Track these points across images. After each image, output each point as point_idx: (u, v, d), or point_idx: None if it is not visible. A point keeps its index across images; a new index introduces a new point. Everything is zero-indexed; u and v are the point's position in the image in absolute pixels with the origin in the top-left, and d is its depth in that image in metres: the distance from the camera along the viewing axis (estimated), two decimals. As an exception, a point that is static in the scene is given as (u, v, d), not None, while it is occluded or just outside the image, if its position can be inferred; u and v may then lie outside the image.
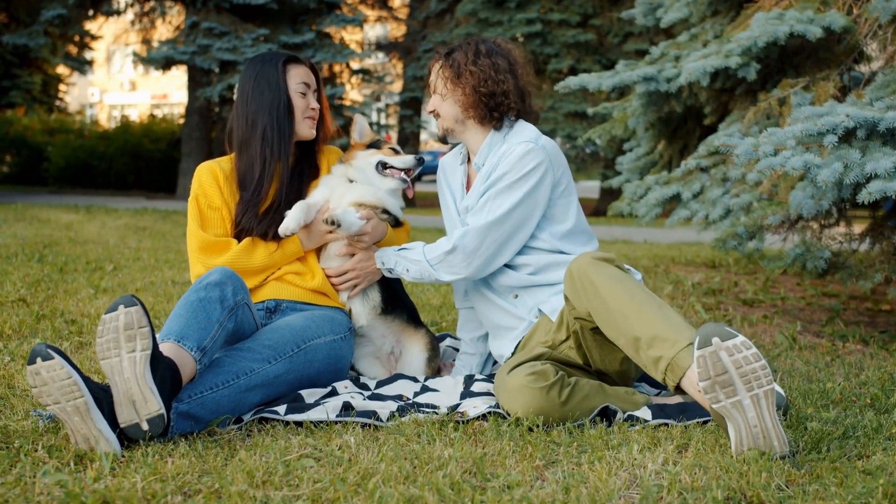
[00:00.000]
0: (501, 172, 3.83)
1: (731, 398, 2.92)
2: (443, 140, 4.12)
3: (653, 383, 4.03)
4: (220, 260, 3.88)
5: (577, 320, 3.52)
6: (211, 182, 4.05)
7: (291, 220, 3.88)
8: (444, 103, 4.01)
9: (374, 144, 4.19)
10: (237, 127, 4.09)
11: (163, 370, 3.01)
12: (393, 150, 4.17)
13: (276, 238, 3.96)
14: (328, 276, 4.07)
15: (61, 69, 29.52)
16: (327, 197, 4.07)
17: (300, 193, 4.09)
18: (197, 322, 3.27)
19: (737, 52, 5.62)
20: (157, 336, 3.25)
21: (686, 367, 3.09)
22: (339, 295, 4.10)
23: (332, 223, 3.86)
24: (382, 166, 4.11)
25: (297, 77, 4.10)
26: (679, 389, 3.16)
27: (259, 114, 4.03)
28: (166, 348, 3.15)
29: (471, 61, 3.92)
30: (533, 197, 3.81)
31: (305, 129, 4.13)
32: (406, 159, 4.12)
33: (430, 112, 4.10)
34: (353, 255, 4.07)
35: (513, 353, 3.91)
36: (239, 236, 3.99)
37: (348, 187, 4.10)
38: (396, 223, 4.24)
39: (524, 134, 3.91)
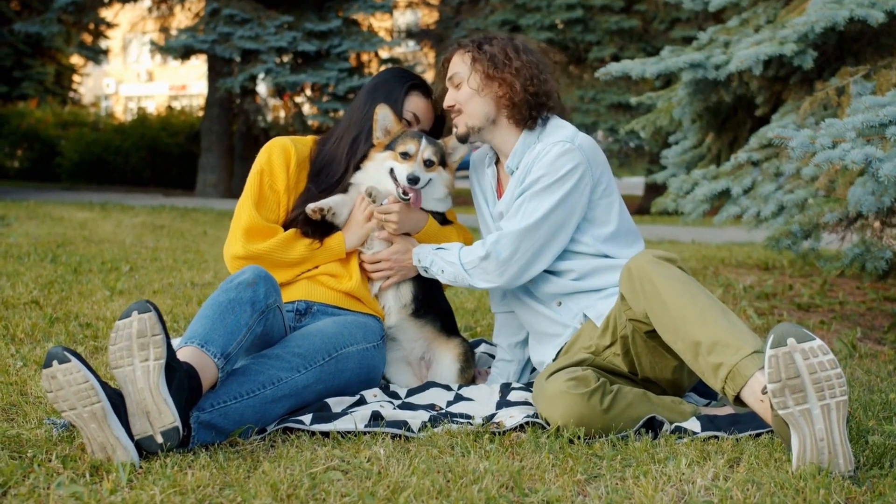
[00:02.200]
0: (537, 175, 3.80)
1: (801, 405, 2.89)
2: (463, 139, 4.04)
3: (702, 393, 4.00)
4: (260, 246, 3.92)
5: (630, 322, 3.49)
6: (281, 162, 4.09)
7: (324, 201, 3.96)
8: (474, 99, 3.94)
9: (390, 145, 4.06)
10: (342, 119, 4.23)
11: (179, 379, 3.01)
12: (404, 153, 4.01)
13: (317, 236, 3.99)
14: (362, 262, 4.11)
15: (75, 59, 29.75)
16: (358, 193, 4.09)
17: None
18: (224, 326, 3.28)
19: (792, 39, 5.58)
20: (181, 338, 3.27)
21: (749, 376, 3.06)
22: (372, 286, 4.12)
23: (370, 195, 3.95)
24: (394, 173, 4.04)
25: (413, 104, 4.18)
26: (738, 400, 3.13)
27: (359, 118, 4.13)
28: (187, 353, 3.16)
29: (513, 56, 3.89)
30: (570, 200, 3.79)
31: None
32: (402, 173, 3.97)
33: (450, 107, 4.01)
34: (392, 243, 4.07)
35: (554, 360, 3.89)
36: (288, 226, 4.04)
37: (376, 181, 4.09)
38: (444, 221, 4.25)
39: (560, 133, 3.87)
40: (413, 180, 3.93)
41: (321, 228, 4.02)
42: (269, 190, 4.05)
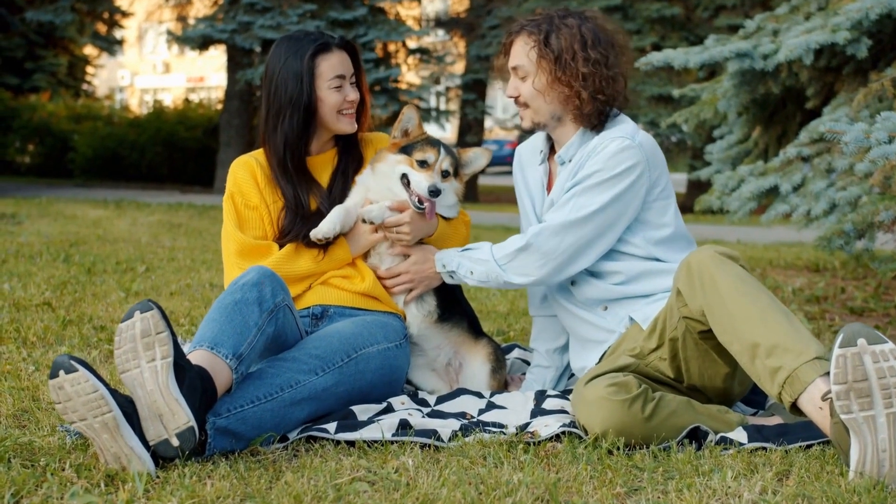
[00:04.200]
0: (592, 169, 3.77)
1: (865, 411, 2.87)
2: (529, 132, 4.04)
3: (749, 402, 3.98)
4: (262, 263, 3.87)
5: (684, 320, 3.48)
6: (247, 179, 4.08)
7: (327, 223, 3.91)
8: (540, 98, 3.88)
9: (406, 149, 4.01)
10: (261, 118, 4.13)
11: (191, 379, 3.04)
12: (421, 162, 3.96)
13: (320, 246, 3.98)
14: (380, 278, 4.09)
15: (89, 50, 29.95)
16: (364, 197, 4.06)
17: (346, 191, 4.11)
18: (232, 327, 3.30)
19: (845, 26, 5.54)
20: (191, 343, 3.29)
21: (808, 382, 3.04)
22: (395, 300, 4.10)
23: (366, 221, 3.94)
24: (407, 179, 3.98)
25: (329, 70, 4.02)
26: (794, 408, 3.11)
27: (281, 113, 4.02)
28: (199, 356, 3.18)
29: (581, 56, 3.79)
30: (623, 200, 3.76)
31: (345, 125, 4.10)
32: (420, 183, 3.92)
33: (513, 97, 3.97)
34: (407, 255, 4.06)
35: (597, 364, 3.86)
36: (282, 243, 4.02)
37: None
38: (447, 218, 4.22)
39: (620, 128, 3.84)
40: (435, 192, 3.89)
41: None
42: (245, 209, 4.06)
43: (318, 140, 4.15)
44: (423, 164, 3.96)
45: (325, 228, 3.90)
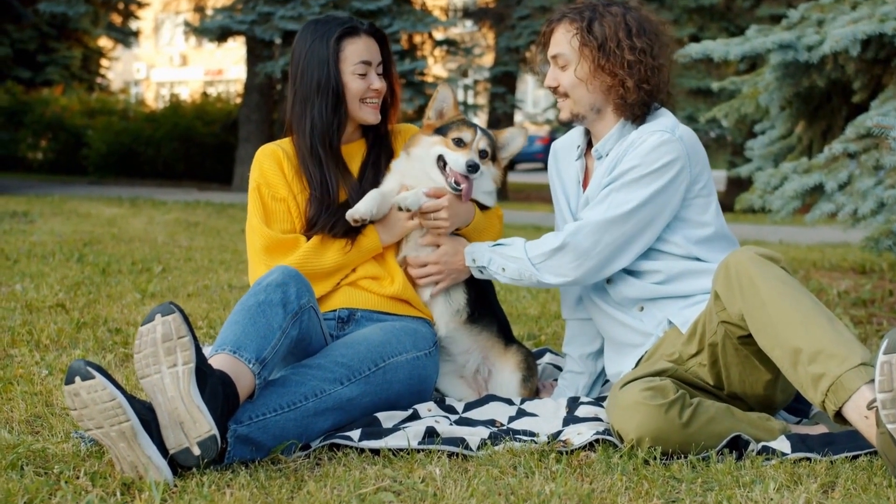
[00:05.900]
0: (630, 165, 3.76)
1: None
2: (566, 124, 4.03)
3: (792, 410, 3.96)
4: (287, 261, 3.87)
5: (722, 325, 3.46)
6: (274, 169, 4.07)
7: (364, 204, 3.89)
8: (582, 87, 3.87)
9: (441, 130, 4.01)
10: (288, 106, 4.12)
11: (213, 385, 3.04)
12: (457, 140, 3.96)
13: (348, 234, 3.96)
14: (407, 267, 4.08)
15: (103, 42, 30.11)
16: (400, 182, 4.06)
17: (377, 182, 4.10)
18: (256, 329, 3.31)
19: (894, 16, 5.51)
20: (212, 346, 3.29)
21: (853, 390, 3.03)
22: (420, 293, 4.10)
23: (402, 209, 3.91)
24: (443, 160, 3.98)
25: (354, 55, 4.01)
26: (839, 416, 3.09)
27: (308, 98, 4.01)
28: (220, 360, 3.19)
29: (626, 44, 3.78)
30: (663, 196, 3.75)
31: (367, 114, 4.08)
32: (458, 160, 3.91)
33: (553, 88, 3.97)
34: (438, 245, 4.07)
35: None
36: (308, 235, 4.01)
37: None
38: (483, 207, 4.20)
39: (659, 122, 3.83)
40: (473, 167, 3.88)
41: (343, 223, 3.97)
42: (272, 201, 4.03)
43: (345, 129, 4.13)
44: (459, 142, 3.96)
45: (362, 209, 3.87)
